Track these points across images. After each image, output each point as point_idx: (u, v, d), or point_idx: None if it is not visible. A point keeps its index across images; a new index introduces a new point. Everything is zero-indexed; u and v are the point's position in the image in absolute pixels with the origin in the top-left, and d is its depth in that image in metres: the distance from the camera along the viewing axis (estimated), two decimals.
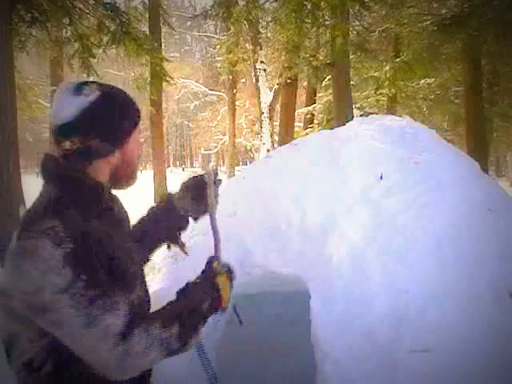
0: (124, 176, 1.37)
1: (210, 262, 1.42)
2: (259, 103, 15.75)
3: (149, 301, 1.46)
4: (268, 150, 14.28)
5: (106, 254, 1.24)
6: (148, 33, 10.95)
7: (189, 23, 33.44)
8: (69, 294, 1.15)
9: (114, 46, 8.22)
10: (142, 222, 1.61)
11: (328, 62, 10.52)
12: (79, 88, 1.28)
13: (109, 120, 1.30)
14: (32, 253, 1.16)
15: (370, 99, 13.70)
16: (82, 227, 1.22)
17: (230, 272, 1.42)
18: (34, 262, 1.15)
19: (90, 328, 1.16)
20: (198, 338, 1.32)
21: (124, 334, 1.18)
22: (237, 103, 23.77)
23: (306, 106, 16.16)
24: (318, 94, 16.08)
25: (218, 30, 27.65)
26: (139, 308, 1.33)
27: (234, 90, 22.01)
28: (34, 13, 6.94)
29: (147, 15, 11.56)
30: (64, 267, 1.15)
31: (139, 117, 1.40)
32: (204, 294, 1.34)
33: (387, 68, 11.12)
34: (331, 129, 4.25)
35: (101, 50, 8.48)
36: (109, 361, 1.19)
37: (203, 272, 1.41)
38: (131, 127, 1.35)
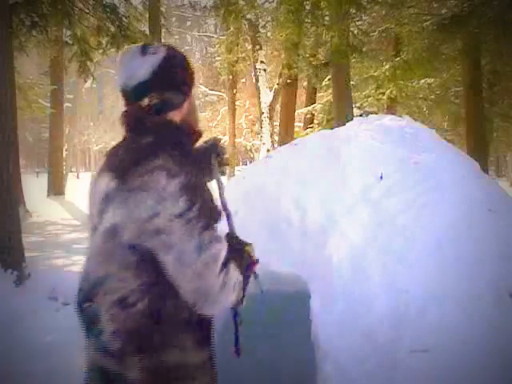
0: (192, 123, 1.48)
1: (230, 238, 1.51)
2: (259, 103, 15.76)
3: None
4: (268, 150, 14.30)
5: (206, 191, 1.36)
6: (148, 33, 10.93)
7: (189, 23, 33.44)
8: (183, 219, 1.25)
9: (113, 49, 8.21)
10: None
11: (326, 61, 10.52)
12: (144, 49, 1.41)
13: (179, 72, 1.45)
14: (148, 185, 1.26)
15: (369, 99, 13.68)
16: (185, 165, 1.32)
17: (249, 243, 1.56)
18: (151, 193, 1.26)
19: (201, 253, 1.26)
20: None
21: (225, 263, 1.30)
22: (237, 103, 23.75)
23: (306, 106, 16.16)
24: (318, 94, 16.07)
25: (217, 30, 27.64)
26: None
27: (234, 90, 21.99)
28: (33, 17, 6.92)
29: (147, 15, 11.54)
30: (180, 196, 1.25)
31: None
32: (242, 263, 1.45)
33: (387, 67, 11.11)
34: (331, 129, 4.25)
35: (100, 51, 8.47)
36: (212, 288, 1.28)
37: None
38: (193, 77, 1.52)
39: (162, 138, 1.37)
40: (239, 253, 1.47)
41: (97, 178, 1.42)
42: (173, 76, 1.42)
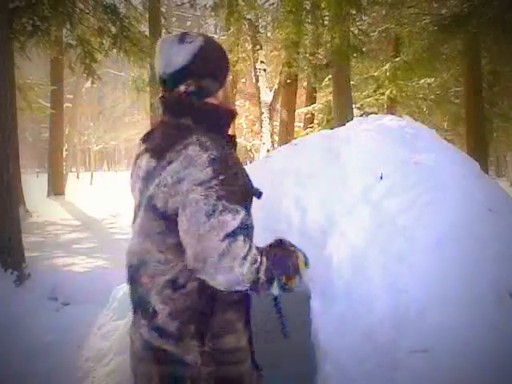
0: (227, 107, 1.54)
1: (283, 243, 1.59)
2: (259, 103, 15.75)
3: (253, 228, 1.54)
4: (268, 150, 14.29)
5: (237, 167, 1.42)
6: (148, 33, 10.92)
7: (189, 23, 33.44)
8: (204, 186, 1.32)
9: (114, 51, 8.21)
10: None
11: (326, 62, 10.51)
12: (182, 38, 1.46)
13: (215, 60, 1.50)
14: (180, 156, 1.35)
15: (369, 99, 13.67)
16: (219, 143, 1.40)
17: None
18: (181, 161, 1.35)
19: (211, 218, 1.31)
20: (278, 287, 1.51)
21: (233, 234, 1.33)
22: (237, 103, 23.75)
23: (306, 106, 16.16)
24: (318, 94, 16.07)
25: (217, 30, 27.62)
26: (247, 229, 1.44)
27: (234, 90, 22.00)
28: (35, 20, 6.89)
29: (147, 15, 11.54)
30: (208, 167, 1.33)
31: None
32: (289, 256, 1.53)
33: (387, 67, 11.11)
34: (331, 129, 4.24)
35: (103, 53, 8.46)
36: (212, 252, 1.31)
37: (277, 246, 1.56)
38: (228, 67, 1.57)
39: (199, 118, 1.43)
40: (281, 245, 1.54)
41: (137, 160, 1.51)
42: (209, 64, 1.47)
